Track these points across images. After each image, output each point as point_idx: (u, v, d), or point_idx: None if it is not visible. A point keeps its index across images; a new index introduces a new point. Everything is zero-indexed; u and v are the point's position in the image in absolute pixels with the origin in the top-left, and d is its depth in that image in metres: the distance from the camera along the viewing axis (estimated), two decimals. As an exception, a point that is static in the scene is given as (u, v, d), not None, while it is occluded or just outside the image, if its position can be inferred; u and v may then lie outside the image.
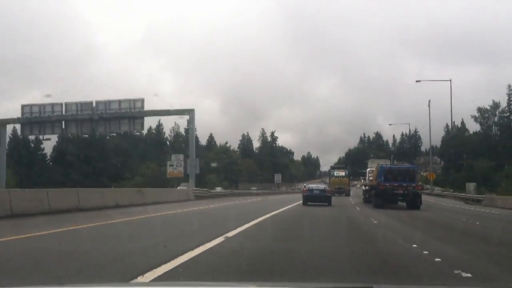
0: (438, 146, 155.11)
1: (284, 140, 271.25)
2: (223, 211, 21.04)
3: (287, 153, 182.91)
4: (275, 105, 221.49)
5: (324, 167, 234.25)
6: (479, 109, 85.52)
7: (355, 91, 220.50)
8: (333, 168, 73.60)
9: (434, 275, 6.45)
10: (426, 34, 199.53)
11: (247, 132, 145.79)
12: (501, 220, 20.06)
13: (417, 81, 57.74)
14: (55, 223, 12.21)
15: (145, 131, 71.83)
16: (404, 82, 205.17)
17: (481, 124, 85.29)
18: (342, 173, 65.43)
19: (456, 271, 6.40)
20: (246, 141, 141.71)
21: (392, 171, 26.83)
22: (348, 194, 57.02)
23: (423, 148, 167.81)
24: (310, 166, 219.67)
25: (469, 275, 6.17)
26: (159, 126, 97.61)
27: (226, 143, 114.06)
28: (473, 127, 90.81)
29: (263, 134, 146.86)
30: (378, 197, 25.95)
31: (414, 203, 24.99)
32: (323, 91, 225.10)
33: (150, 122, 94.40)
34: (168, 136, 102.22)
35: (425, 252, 8.18)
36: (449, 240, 10.77)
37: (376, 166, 32.07)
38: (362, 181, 47.87)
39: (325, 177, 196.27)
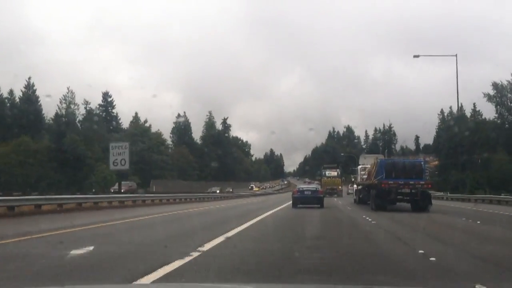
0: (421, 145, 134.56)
1: (245, 137, 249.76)
2: None
3: (242, 145, 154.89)
4: (235, 100, 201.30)
5: (289, 168, 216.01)
6: (495, 85, 60.75)
7: (320, 85, 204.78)
8: (324, 167, 68.43)
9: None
10: (395, 25, 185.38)
11: (184, 112, 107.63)
12: None
13: None
14: None
15: None
16: (372, 75, 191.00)
17: (497, 104, 60.50)
18: (334, 173, 62.87)
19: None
20: (182, 123, 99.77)
21: (395, 166, 23.27)
22: (340, 195, 54.40)
23: (398, 146, 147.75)
24: (273, 165, 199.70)
25: None
26: (31, 85, 60.37)
27: (146, 121, 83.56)
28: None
29: (210, 118, 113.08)
30: (380, 198, 22.42)
31: (422, 204, 21.53)
32: (287, 85, 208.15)
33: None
34: (57, 107, 66.07)
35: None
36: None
37: (374, 161, 26.62)
38: (353, 179, 45.70)
39: (285, 178, 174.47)
